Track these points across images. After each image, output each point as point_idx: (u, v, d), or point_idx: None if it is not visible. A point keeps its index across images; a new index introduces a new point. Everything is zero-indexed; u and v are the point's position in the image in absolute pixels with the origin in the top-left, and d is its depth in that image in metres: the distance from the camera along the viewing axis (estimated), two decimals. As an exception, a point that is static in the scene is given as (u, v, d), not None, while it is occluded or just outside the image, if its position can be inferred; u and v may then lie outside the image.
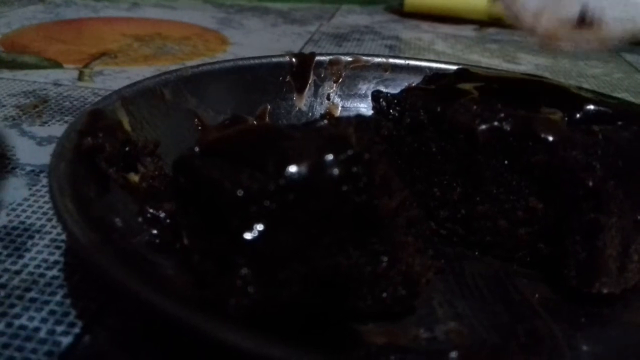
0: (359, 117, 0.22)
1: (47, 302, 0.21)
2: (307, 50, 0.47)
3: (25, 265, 0.23)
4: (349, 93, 0.34)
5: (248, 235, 0.18)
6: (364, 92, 0.34)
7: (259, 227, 0.18)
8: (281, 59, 0.33)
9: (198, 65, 0.31)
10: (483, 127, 0.24)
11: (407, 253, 0.21)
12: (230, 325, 0.17)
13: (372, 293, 0.21)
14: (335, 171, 0.19)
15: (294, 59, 0.33)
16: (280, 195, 0.19)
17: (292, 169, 0.19)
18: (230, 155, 0.20)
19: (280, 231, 0.19)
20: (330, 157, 0.20)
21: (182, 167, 0.21)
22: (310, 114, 0.33)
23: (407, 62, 0.35)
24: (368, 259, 0.20)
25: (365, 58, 0.35)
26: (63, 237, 0.25)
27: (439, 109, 0.25)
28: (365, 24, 0.68)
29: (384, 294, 0.21)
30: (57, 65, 0.46)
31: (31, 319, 0.20)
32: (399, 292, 0.21)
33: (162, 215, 0.23)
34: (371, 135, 0.21)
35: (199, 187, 0.20)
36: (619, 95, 0.36)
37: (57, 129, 0.35)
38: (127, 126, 0.26)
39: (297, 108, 0.33)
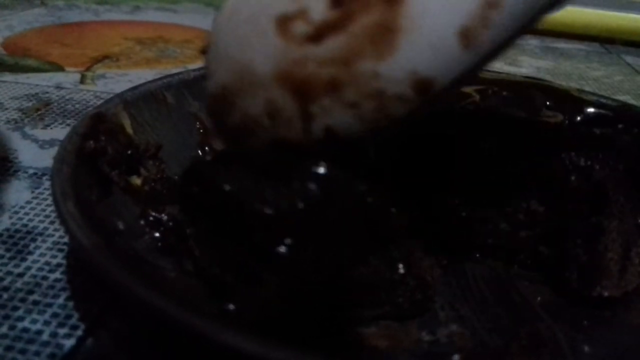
0: None
1: (49, 305, 0.21)
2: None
3: (28, 268, 0.23)
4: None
5: (275, 251, 0.18)
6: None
7: (287, 242, 0.18)
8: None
9: (200, 69, 0.31)
10: (484, 130, 0.24)
11: (417, 256, 0.21)
12: (234, 327, 0.17)
13: (390, 299, 0.21)
14: (358, 184, 0.19)
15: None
16: (307, 211, 0.19)
17: (314, 183, 0.19)
18: (244, 164, 0.20)
19: (306, 246, 0.19)
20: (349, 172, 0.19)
21: (195, 177, 0.20)
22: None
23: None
24: (386, 266, 0.20)
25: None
26: (65, 239, 0.25)
27: (438, 112, 0.25)
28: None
29: (401, 299, 0.21)
30: (59, 68, 0.46)
31: (34, 321, 0.20)
32: (416, 296, 0.21)
33: (164, 218, 0.23)
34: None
35: (216, 200, 0.19)
36: (620, 98, 0.36)
37: (59, 132, 0.35)
38: (129, 129, 0.26)
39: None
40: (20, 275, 0.23)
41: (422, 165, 0.26)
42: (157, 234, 0.23)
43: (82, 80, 0.44)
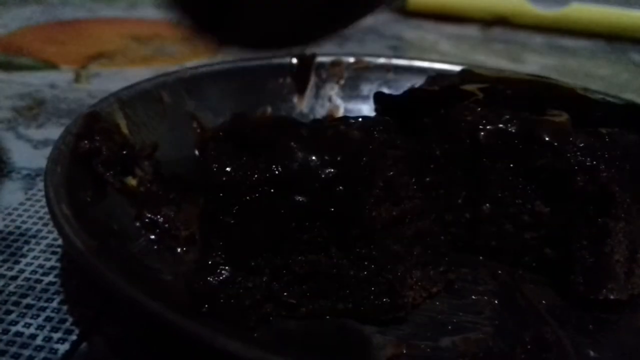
0: (377, 119, 0.22)
1: (43, 309, 0.21)
2: (309, 51, 0.46)
3: (22, 271, 0.23)
4: (351, 94, 0.34)
5: (223, 220, 0.20)
6: (366, 93, 0.34)
7: (236, 213, 0.20)
8: (281, 60, 0.33)
9: (197, 67, 0.31)
10: (487, 129, 0.24)
11: (403, 264, 0.21)
12: (229, 332, 0.16)
13: (353, 297, 0.21)
14: (325, 170, 0.20)
15: (294, 60, 0.33)
16: (264, 186, 0.20)
17: (282, 163, 0.20)
18: (241, 141, 0.21)
19: (256, 221, 0.20)
20: (324, 156, 0.20)
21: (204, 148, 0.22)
22: (311, 116, 0.33)
23: (410, 62, 0.35)
24: (351, 262, 0.20)
25: (367, 59, 0.35)
26: (59, 242, 0.25)
27: (442, 111, 0.25)
28: (367, 24, 0.67)
29: (365, 300, 0.21)
30: (53, 66, 0.46)
31: (27, 325, 0.20)
32: (382, 300, 0.21)
33: (160, 219, 0.23)
34: (388, 139, 0.21)
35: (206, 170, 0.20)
36: (626, 97, 0.36)
37: (53, 132, 0.34)
38: (124, 129, 0.25)
39: (298, 110, 0.33)
40: (14, 278, 0.22)
41: (423, 165, 0.25)
42: (152, 236, 0.23)
43: (77, 79, 0.44)
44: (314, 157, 0.20)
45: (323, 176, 0.20)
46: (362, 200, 0.20)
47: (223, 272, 0.19)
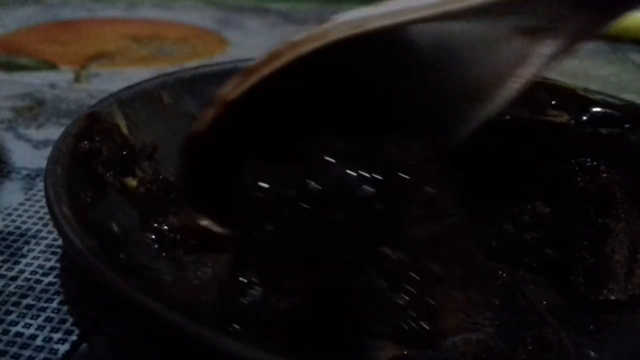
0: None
1: (43, 309, 0.21)
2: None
3: (22, 271, 0.23)
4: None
5: (258, 237, 0.19)
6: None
7: (271, 231, 0.19)
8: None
9: (197, 67, 0.31)
10: (487, 130, 0.24)
11: (444, 286, 0.20)
12: (232, 334, 0.16)
13: (392, 322, 0.20)
14: (362, 188, 0.19)
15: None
16: (300, 202, 0.19)
17: (317, 179, 0.19)
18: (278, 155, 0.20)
19: (292, 239, 0.19)
20: (361, 172, 0.19)
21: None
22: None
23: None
24: (389, 284, 0.19)
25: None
26: (59, 242, 0.25)
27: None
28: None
29: (405, 326, 0.20)
30: (53, 66, 0.46)
31: (27, 326, 0.20)
32: (422, 326, 0.20)
33: (166, 229, 0.23)
34: (423, 152, 0.20)
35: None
36: (627, 97, 0.35)
37: (53, 132, 0.34)
38: (124, 129, 0.25)
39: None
40: (14, 278, 0.22)
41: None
42: (153, 237, 0.23)
43: (77, 79, 0.44)
44: (350, 174, 0.19)
45: (360, 194, 0.19)
46: (401, 219, 0.19)
47: (254, 292, 0.19)
